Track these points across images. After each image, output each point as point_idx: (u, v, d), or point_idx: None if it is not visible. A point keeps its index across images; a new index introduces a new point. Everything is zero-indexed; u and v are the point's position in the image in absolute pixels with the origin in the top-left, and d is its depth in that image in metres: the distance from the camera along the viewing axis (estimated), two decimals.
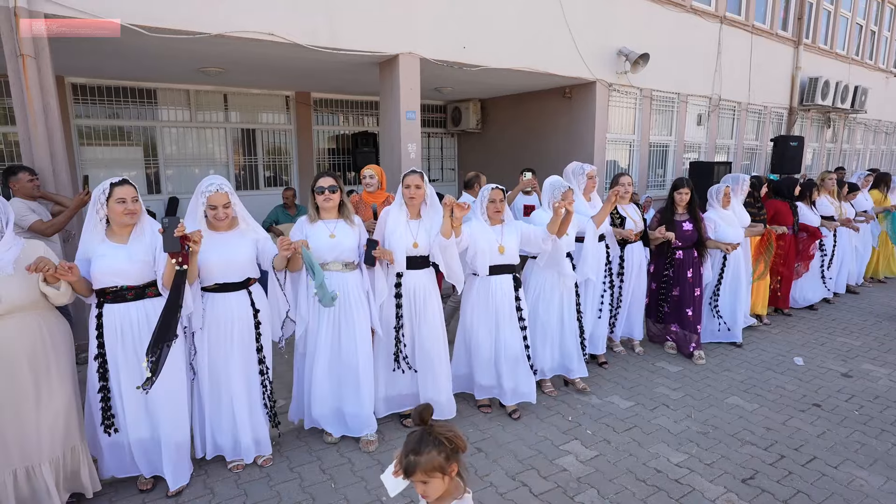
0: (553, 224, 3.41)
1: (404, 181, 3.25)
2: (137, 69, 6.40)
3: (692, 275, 4.51)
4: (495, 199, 3.47)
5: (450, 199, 3.10)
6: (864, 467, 3.04)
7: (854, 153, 14.45)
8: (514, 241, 3.49)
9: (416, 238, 3.24)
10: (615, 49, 7.49)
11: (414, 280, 3.28)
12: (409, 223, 3.27)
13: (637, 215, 4.45)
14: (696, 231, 4.44)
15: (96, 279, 2.57)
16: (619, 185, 4.30)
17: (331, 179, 3.11)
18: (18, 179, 3.87)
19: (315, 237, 3.07)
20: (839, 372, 4.34)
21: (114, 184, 2.59)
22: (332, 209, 3.14)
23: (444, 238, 3.16)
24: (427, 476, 1.56)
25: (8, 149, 6.54)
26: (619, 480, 2.89)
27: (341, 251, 3.09)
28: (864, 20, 13.17)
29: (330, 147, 9.23)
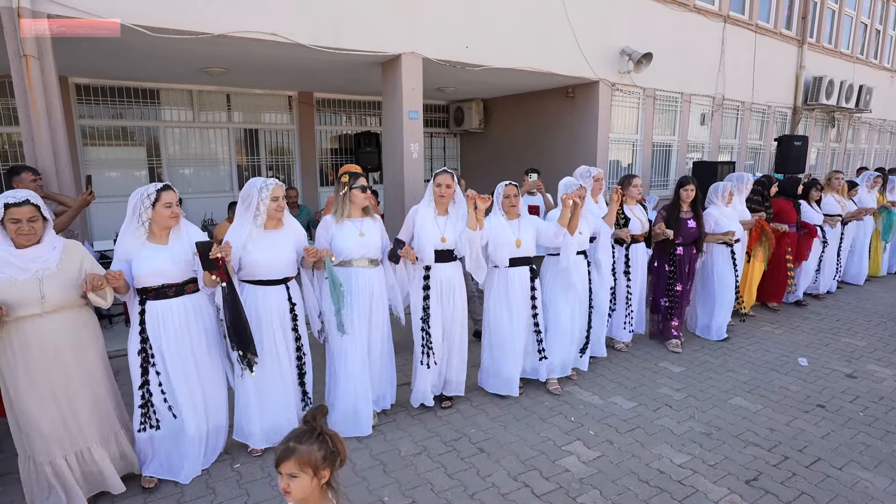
0: (563, 217, 3.61)
1: (436, 180, 3.44)
2: (141, 69, 6.41)
3: (689, 270, 4.72)
4: (510, 194, 3.70)
5: (472, 192, 3.30)
6: (869, 469, 3.01)
7: (858, 153, 14.39)
8: (530, 235, 3.70)
9: (444, 233, 3.43)
10: (618, 48, 7.47)
11: (441, 272, 3.47)
12: (436, 219, 3.47)
13: (643, 216, 4.54)
14: (699, 228, 4.58)
15: (140, 279, 2.72)
16: (631, 186, 4.48)
17: (364, 180, 3.31)
18: (21, 180, 3.88)
19: (344, 236, 3.22)
20: (843, 373, 4.31)
21: (160, 189, 2.71)
22: (358, 208, 3.30)
23: (471, 231, 3.36)
24: (298, 469, 1.53)
25: (12, 149, 6.57)
26: (622, 481, 2.88)
27: (369, 248, 3.26)
28: (869, 19, 13.11)
29: (332, 147, 9.23)
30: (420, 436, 3.32)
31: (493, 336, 3.79)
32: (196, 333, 2.84)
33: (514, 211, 3.74)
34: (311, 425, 1.61)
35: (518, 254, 3.67)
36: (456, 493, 2.78)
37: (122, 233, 2.76)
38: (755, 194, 5.49)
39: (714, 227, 4.80)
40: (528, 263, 3.73)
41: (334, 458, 1.59)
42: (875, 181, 7.10)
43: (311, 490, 1.56)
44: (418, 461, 3.06)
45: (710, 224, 4.80)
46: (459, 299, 3.59)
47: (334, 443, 1.60)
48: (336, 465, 1.60)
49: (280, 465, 1.55)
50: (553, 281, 3.95)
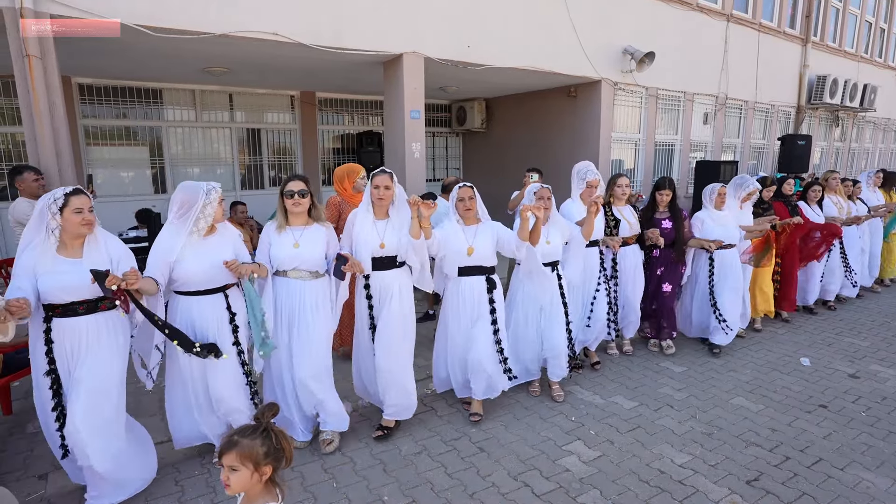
0: (522, 230, 3.28)
1: (373, 181, 3.15)
2: (143, 69, 6.43)
3: (662, 272, 4.54)
4: (464, 196, 3.39)
5: (414, 197, 3.01)
6: (871, 469, 3.00)
7: (863, 152, 14.32)
8: (486, 243, 3.37)
9: (384, 238, 3.17)
10: (620, 48, 7.45)
11: (381, 281, 3.21)
12: (375, 224, 3.20)
13: (633, 218, 4.40)
14: (674, 230, 4.41)
15: (46, 296, 2.39)
16: (616, 186, 4.31)
17: (301, 183, 3.05)
18: (24, 179, 3.91)
19: (279, 245, 3.03)
20: (846, 373, 4.29)
21: (69, 193, 2.41)
22: (301, 214, 3.07)
23: (413, 239, 3.11)
24: (239, 462, 1.55)
25: (15, 149, 6.60)
26: (622, 481, 2.88)
27: (303, 260, 3.03)
28: (874, 18, 13.05)
29: (335, 147, 9.24)
30: (420, 435, 3.33)
31: (440, 348, 3.61)
32: (109, 355, 2.52)
33: (469, 215, 3.41)
34: (259, 421, 1.63)
35: (469, 262, 3.37)
36: (456, 492, 2.78)
37: (24, 244, 2.43)
38: None
39: (701, 232, 4.56)
40: (484, 273, 3.41)
41: (278, 455, 1.61)
42: (876, 176, 6.81)
43: (251, 484, 1.58)
44: (418, 460, 3.06)
45: (696, 228, 4.60)
46: (407, 306, 3.28)
47: (279, 440, 1.61)
48: (281, 462, 1.62)
49: (222, 458, 1.57)
50: (521, 288, 3.75)
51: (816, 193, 5.75)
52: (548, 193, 3.64)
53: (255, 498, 1.62)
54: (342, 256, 3.04)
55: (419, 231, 3.08)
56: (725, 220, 4.60)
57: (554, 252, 3.67)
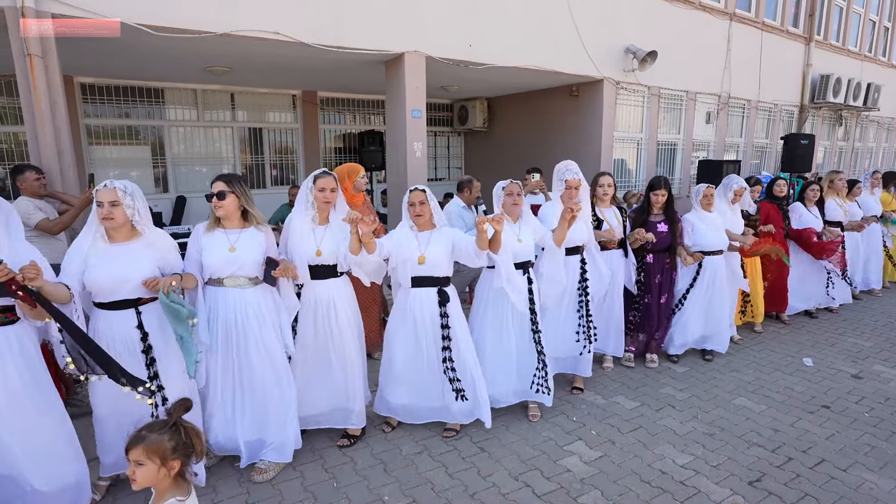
0: (480, 240, 3.00)
1: (317, 183, 2.96)
2: (145, 69, 6.44)
3: (660, 280, 4.25)
4: (414, 201, 3.13)
5: (353, 215, 2.76)
6: (874, 470, 2.98)
7: (866, 151, 14.27)
8: (439, 251, 3.10)
9: (321, 245, 2.95)
10: (623, 47, 7.43)
11: (317, 291, 3.00)
12: (314, 229, 2.99)
13: (616, 220, 4.09)
14: (670, 233, 4.17)
15: None
16: (598, 186, 4.06)
17: (222, 184, 2.75)
18: (25, 178, 3.90)
19: (211, 250, 2.75)
20: (849, 373, 4.27)
21: None
22: (230, 217, 2.81)
23: (352, 255, 2.89)
24: (145, 457, 1.56)
25: (17, 148, 6.61)
26: (624, 482, 2.87)
27: (241, 265, 2.76)
28: (878, 16, 13.00)
29: (337, 146, 9.25)
30: (421, 435, 3.32)
31: (386, 362, 3.32)
32: (13, 372, 2.26)
33: (421, 221, 3.15)
34: (170, 416, 1.64)
35: (421, 272, 3.10)
36: (456, 492, 2.77)
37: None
38: None
39: (690, 235, 4.33)
40: (437, 284, 3.14)
41: (187, 450, 1.61)
42: (874, 178, 6.52)
43: (157, 479, 1.58)
44: (419, 460, 3.05)
45: (686, 231, 4.33)
46: (344, 322, 3.06)
47: (189, 435, 1.62)
48: (191, 457, 1.63)
49: (128, 452, 1.58)
50: (486, 300, 3.44)
51: (815, 194, 5.42)
52: (517, 189, 3.41)
53: (165, 493, 1.62)
54: (272, 261, 2.81)
55: (358, 247, 2.85)
56: (714, 223, 4.39)
57: (526, 251, 3.39)
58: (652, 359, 4.39)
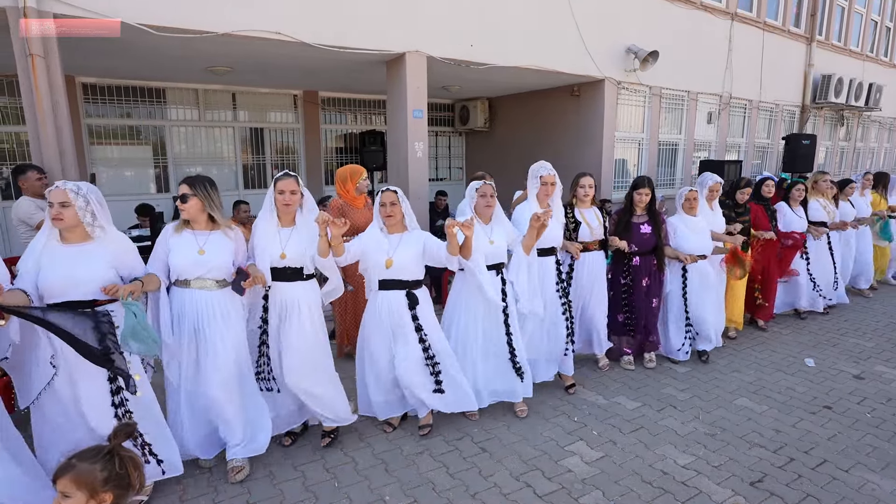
0: (450, 245, 3.00)
1: (277, 186, 2.90)
2: (147, 69, 6.44)
3: (648, 283, 4.15)
4: (385, 202, 3.08)
5: (323, 216, 2.74)
6: (876, 471, 2.98)
7: (868, 152, 14.25)
8: (408, 255, 3.08)
9: (285, 248, 2.91)
10: (624, 47, 7.43)
11: (282, 294, 2.95)
12: (279, 231, 2.94)
13: (596, 221, 3.99)
14: (654, 235, 4.07)
15: None
16: (578, 186, 3.97)
17: (184, 186, 2.74)
18: (27, 178, 3.91)
19: (180, 252, 2.73)
20: (851, 374, 4.26)
21: None
22: (196, 220, 2.79)
23: (320, 258, 2.90)
24: (74, 488, 1.40)
25: (19, 148, 6.62)
26: (625, 482, 2.86)
27: (210, 268, 2.75)
28: (880, 16, 12.98)
29: (338, 146, 9.25)
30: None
31: (361, 367, 3.34)
32: None
33: (391, 223, 3.11)
34: (109, 443, 1.49)
35: (389, 275, 3.08)
36: (458, 492, 2.77)
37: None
38: (725, 197, 4.78)
39: (674, 239, 4.24)
40: (406, 287, 3.12)
41: (122, 481, 1.45)
42: (865, 178, 6.48)
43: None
44: (420, 460, 3.05)
45: (670, 235, 4.25)
46: (308, 325, 2.99)
47: (125, 465, 1.46)
48: (127, 490, 1.47)
49: (55, 482, 1.42)
50: (459, 300, 3.44)
51: (800, 193, 5.31)
52: (490, 190, 3.36)
53: None
54: (242, 271, 2.81)
55: (327, 249, 2.85)
56: (699, 227, 4.28)
57: (498, 253, 3.37)
58: (650, 358, 4.37)
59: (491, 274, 3.34)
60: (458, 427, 3.41)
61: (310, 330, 3.00)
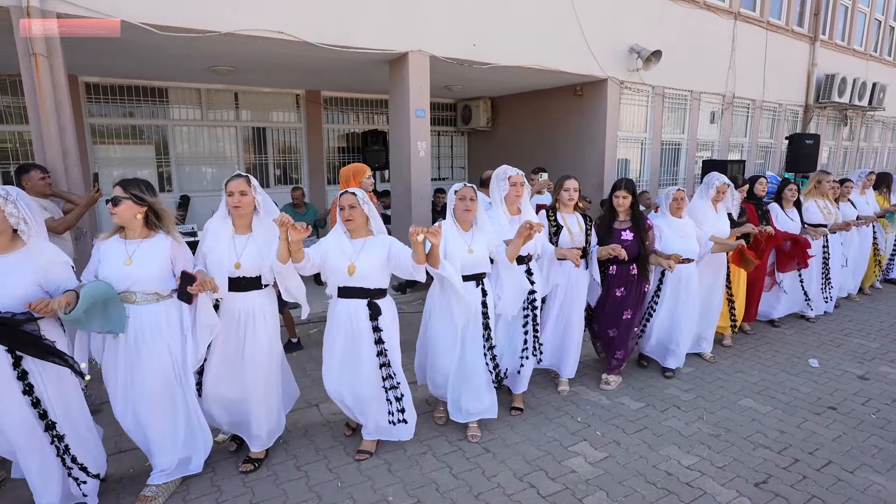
0: (415, 253, 2.80)
1: (227, 187, 2.70)
2: (149, 68, 6.45)
3: (623, 294, 3.83)
4: (344, 205, 2.87)
5: (284, 217, 2.56)
6: (882, 472, 2.96)
7: (872, 151, 14.20)
8: (371, 261, 2.86)
9: (240, 257, 2.72)
10: (627, 46, 7.41)
11: (237, 305, 2.78)
12: (234, 238, 2.75)
13: (577, 227, 3.73)
14: (636, 242, 3.74)
15: None
16: (563, 190, 3.71)
17: (118, 188, 2.52)
18: (30, 177, 3.91)
19: (107, 262, 2.52)
20: (855, 374, 4.25)
21: None
22: (130, 226, 2.57)
23: (279, 263, 2.69)
24: None
25: (22, 147, 6.62)
26: (629, 483, 2.85)
27: (135, 280, 2.51)
28: (884, 16, 12.93)
29: (340, 146, 9.25)
30: (426, 435, 3.31)
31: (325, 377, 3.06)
32: None
33: (352, 227, 2.88)
34: None
35: (350, 283, 2.87)
36: (461, 493, 2.76)
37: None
38: None
39: (659, 242, 3.96)
40: (367, 296, 2.89)
41: None
42: (868, 178, 6.23)
43: None
44: (423, 461, 3.05)
45: (656, 238, 3.96)
46: (263, 337, 2.82)
47: None
48: None
49: None
50: (430, 307, 3.25)
51: (793, 194, 5.05)
52: (471, 194, 3.10)
53: None
54: (188, 275, 2.52)
55: (286, 254, 2.64)
56: (685, 230, 3.98)
57: (478, 263, 3.12)
58: (606, 380, 3.95)
59: (469, 285, 3.09)
60: (462, 428, 3.40)
61: (264, 341, 2.83)
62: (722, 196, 4.29)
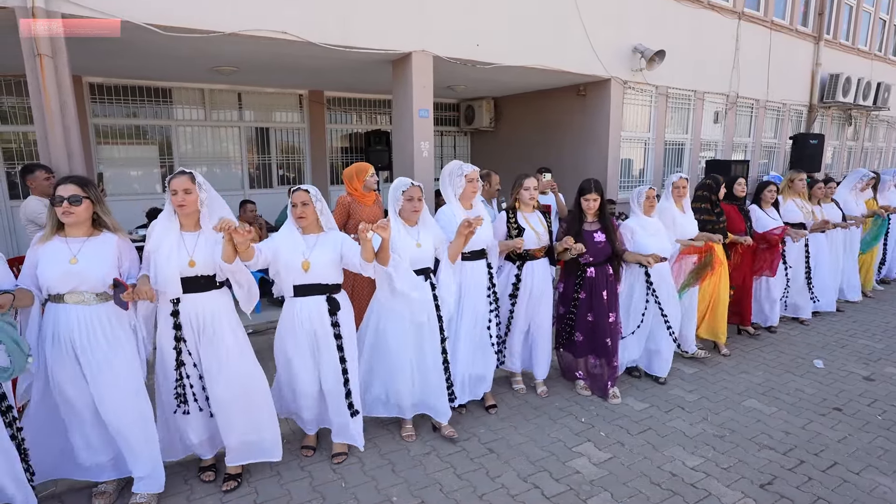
0: (364, 250, 2.77)
1: (170, 185, 2.58)
2: (153, 68, 6.46)
3: (607, 296, 3.71)
4: (297, 202, 2.83)
5: (225, 221, 2.47)
6: (888, 474, 2.95)
7: (876, 151, 14.16)
8: (326, 257, 2.84)
9: (193, 255, 2.60)
10: (630, 46, 7.40)
11: (195, 306, 2.64)
12: (182, 236, 2.63)
13: (541, 226, 3.67)
14: (608, 243, 3.66)
15: None
16: (522, 189, 3.62)
17: (73, 187, 2.42)
18: (35, 177, 3.93)
19: (48, 261, 2.40)
20: (861, 375, 4.23)
21: None
22: (80, 225, 2.47)
23: (225, 263, 2.58)
24: None
25: (27, 147, 6.65)
26: (633, 484, 2.84)
27: (83, 280, 2.41)
28: (888, 15, 12.89)
29: (343, 146, 9.25)
30: (430, 435, 3.31)
31: (289, 381, 3.02)
32: None
33: (304, 223, 2.85)
34: None
35: (305, 280, 2.83)
36: (465, 493, 2.76)
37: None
38: (701, 201, 4.45)
39: (631, 243, 3.86)
40: (324, 292, 2.87)
41: None
42: (868, 183, 6.08)
43: None
44: (427, 461, 3.04)
45: (626, 239, 3.87)
46: (229, 337, 2.70)
47: None
48: None
49: None
50: (384, 308, 3.15)
51: (772, 195, 5.00)
52: (419, 194, 3.09)
53: None
54: (119, 283, 2.43)
55: (232, 253, 2.55)
56: (657, 229, 3.92)
57: (426, 257, 3.12)
58: (615, 393, 3.78)
59: (419, 279, 3.09)
60: (465, 428, 3.40)
61: (232, 343, 2.71)
62: (683, 191, 4.19)
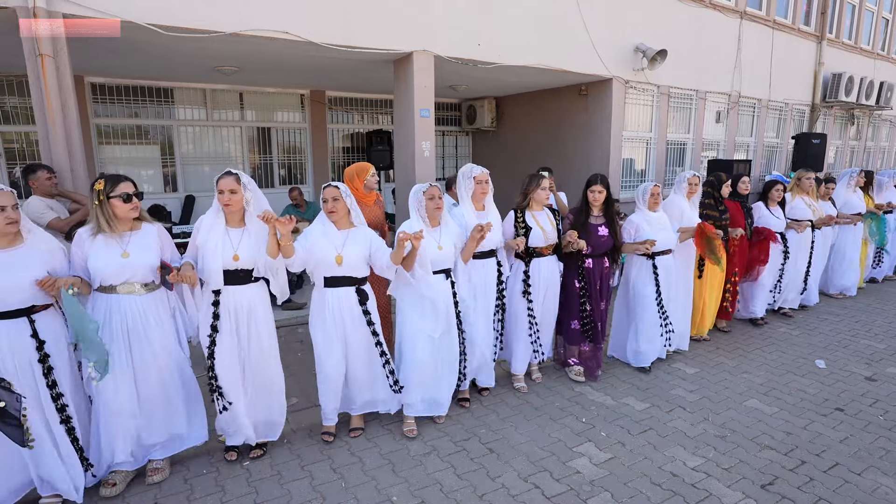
0: (396, 254, 2.98)
1: (218, 185, 2.76)
2: (155, 69, 6.47)
3: (599, 286, 3.93)
4: (327, 198, 3.01)
5: (267, 212, 2.69)
6: (889, 475, 2.94)
7: (879, 151, 14.10)
8: (357, 252, 3.02)
9: (238, 249, 2.79)
10: (632, 45, 7.38)
11: (235, 297, 2.83)
12: (228, 232, 2.81)
13: (549, 224, 3.80)
14: (611, 237, 3.85)
15: None
16: (539, 189, 3.77)
17: (129, 185, 2.65)
18: (37, 177, 3.93)
19: (99, 256, 2.58)
20: (863, 375, 4.22)
21: None
22: (126, 220, 2.67)
23: (270, 258, 2.79)
24: None
25: (29, 147, 6.66)
26: (634, 484, 2.84)
27: (136, 271, 2.63)
28: (891, 14, 12.83)
29: (344, 146, 9.26)
30: (430, 435, 3.31)
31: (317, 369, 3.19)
32: None
33: (335, 218, 3.02)
34: None
35: (339, 272, 3.00)
36: (465, 493, 2.76)
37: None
38: (705, 197, 4.66)
39: (635, 237, 4.06)
40: (355, 284, 3.06)
41: None
42: (859, 177, 6.28)
43: None
44: (428, 461, 3.04)
45: (630, 233, 4.07)
46: (264, 328, 2.93)
47: None
48: None
49: None
50: (404, 301, 3.29)
51: (778, 194, 5.17)
52: (438, 192, 3.25)
53: None
54: (166, 267, 2.69)
55: (276, 249, 2.75)
56: (662, 222, 4.12)
57: (446, 259, 3.29)
58: (578, 371, 4.05)
59: (440, 278, 3.26)
60: (466, 428, 3.40)
61: (266, 335, 2.95)
62: (695, 188, 4.46)
